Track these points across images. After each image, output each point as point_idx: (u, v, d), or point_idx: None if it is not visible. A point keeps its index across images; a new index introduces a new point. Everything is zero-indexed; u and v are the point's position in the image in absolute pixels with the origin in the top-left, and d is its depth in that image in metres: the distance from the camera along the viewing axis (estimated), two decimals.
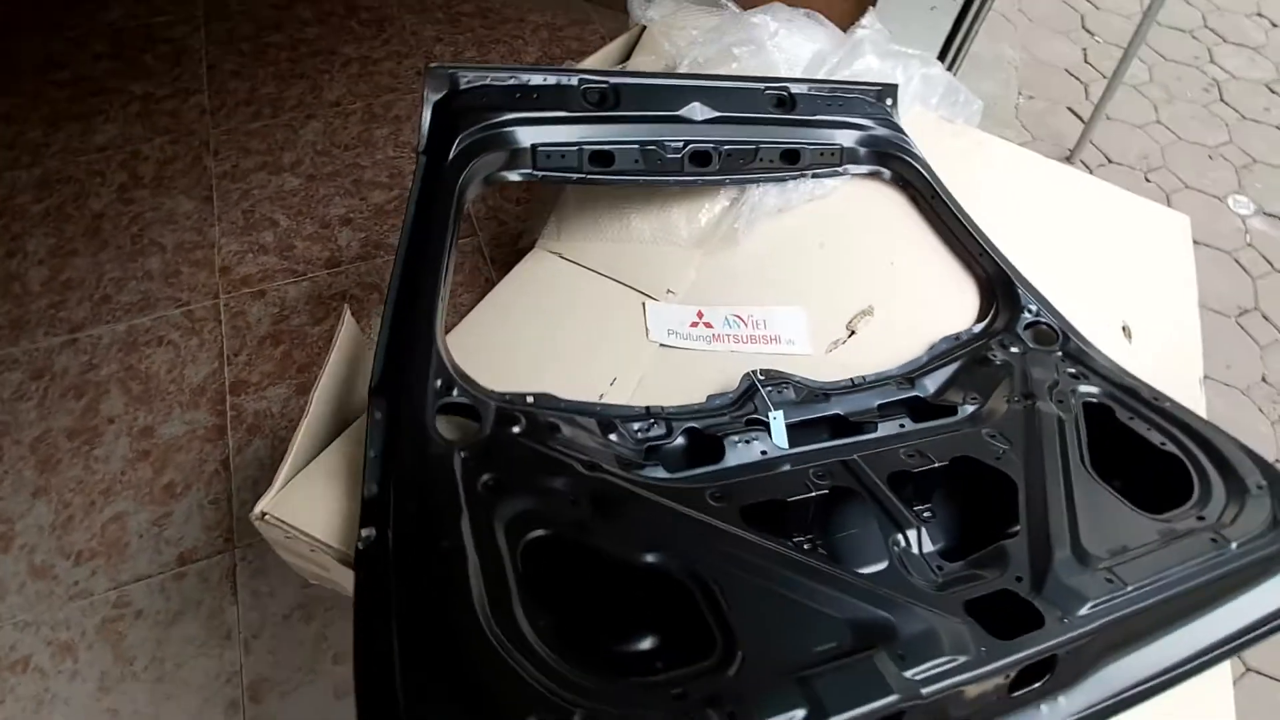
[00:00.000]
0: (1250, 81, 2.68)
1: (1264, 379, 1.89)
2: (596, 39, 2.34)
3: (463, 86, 1.14)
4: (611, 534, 0.82)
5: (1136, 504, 0.96)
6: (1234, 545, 0.90)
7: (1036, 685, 0.80)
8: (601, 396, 1.18)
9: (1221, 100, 2.61)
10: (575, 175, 1.22)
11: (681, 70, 1.45)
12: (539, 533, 0.80)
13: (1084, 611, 0.81)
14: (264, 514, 0.89)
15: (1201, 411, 1.16)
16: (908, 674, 0.71)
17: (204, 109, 2.06)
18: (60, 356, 1.55)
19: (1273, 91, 2.66)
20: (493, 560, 0.74)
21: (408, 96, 2.13)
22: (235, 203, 1.84)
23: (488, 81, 1.16)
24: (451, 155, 1.10)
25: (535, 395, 1.00)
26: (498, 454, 0.88)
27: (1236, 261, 2.13)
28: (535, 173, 1.20)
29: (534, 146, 1.18)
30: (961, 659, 0.74)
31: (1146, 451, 1.05)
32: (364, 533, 0.81)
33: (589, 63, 1.56)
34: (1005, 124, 2.33)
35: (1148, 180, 2.28)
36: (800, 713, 0.66)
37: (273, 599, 1.28)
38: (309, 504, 0.91)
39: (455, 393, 0.93)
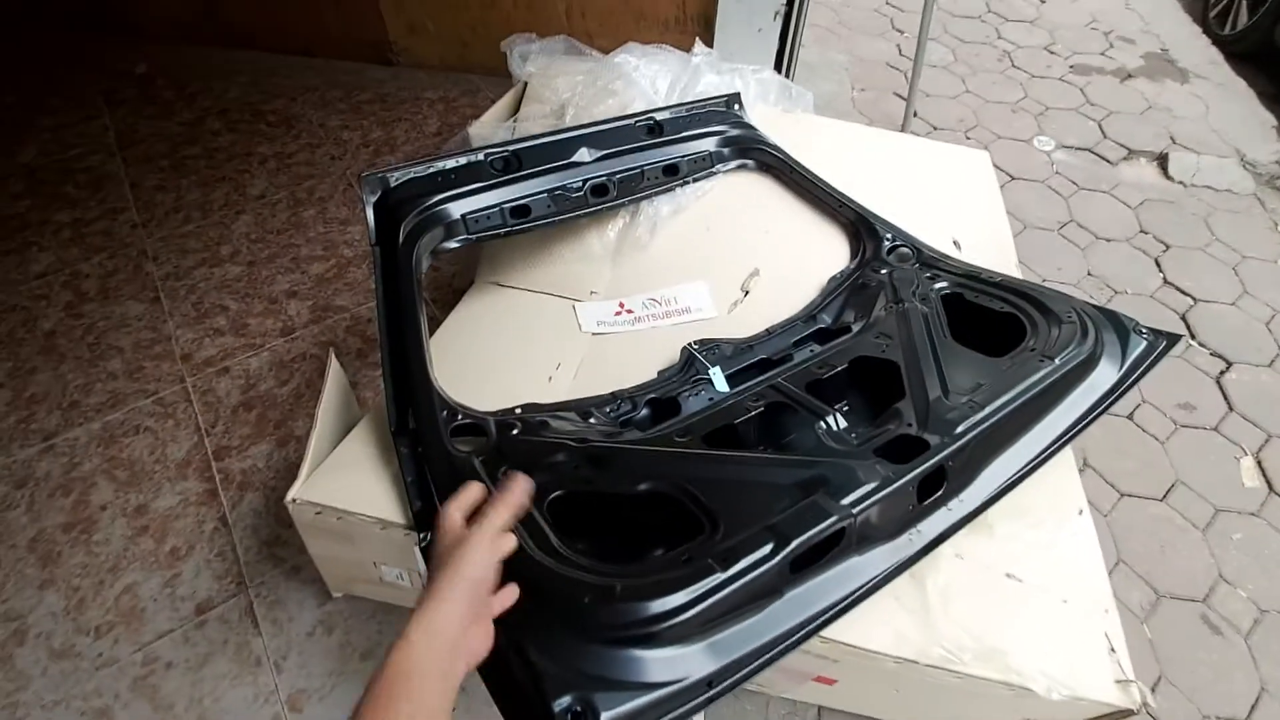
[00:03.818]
0: (1032, 48, 3.24)
1: (1089, 273, 2.30)
2: (487, 103, 2.62)
3: (393, 184, 1.36)
4: (610, 480, 1.05)
5: (991, 355, 1.25)
6: (1056, 360, 1.20)
7: (936, 495, 1.06)
8: (550, 380, 1.41)
9: (1014, 66, 3.14)
10: (503, 230, 1.45)
11: (569, 112, 1.74)
12: (556, 494, 1.02)
13: (958, 431, 1.08)
14: (294, 499, 1.07)
15: None
16: (841, 503, 0.96)
17: (135, 223, 2.20)
18: (40, 463, 1.64)
19: (1050, 53, 3.22)
20: (526, 519, 0.95)
21: (326, 179, 2.34)
22: (184, 298, 1.98)
23: (412, 175, 1.38)
24: (401, 240, 1.31)
25: (522, 406, 1.23)
26: (507, 451, 1.09)
27: (1049, 187, 2.58)
28: (470, 237, 1.42)
29: (463, 216, 1.41)
30: (875, 484, 0.99)
31: (993, 316, 1.37)
32: (420, 536, 1.03)
33: (486, 118, 1.83)
34: (845, 115, 2.74)
35: (968, 138, 2.73)
36: (769, 545, 0.90)
37: (293, 623, 1.40)
38: (331, 487, 1.10)
39: (460, 418, 1.15)
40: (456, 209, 1.43)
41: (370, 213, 1.34)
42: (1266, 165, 2.74)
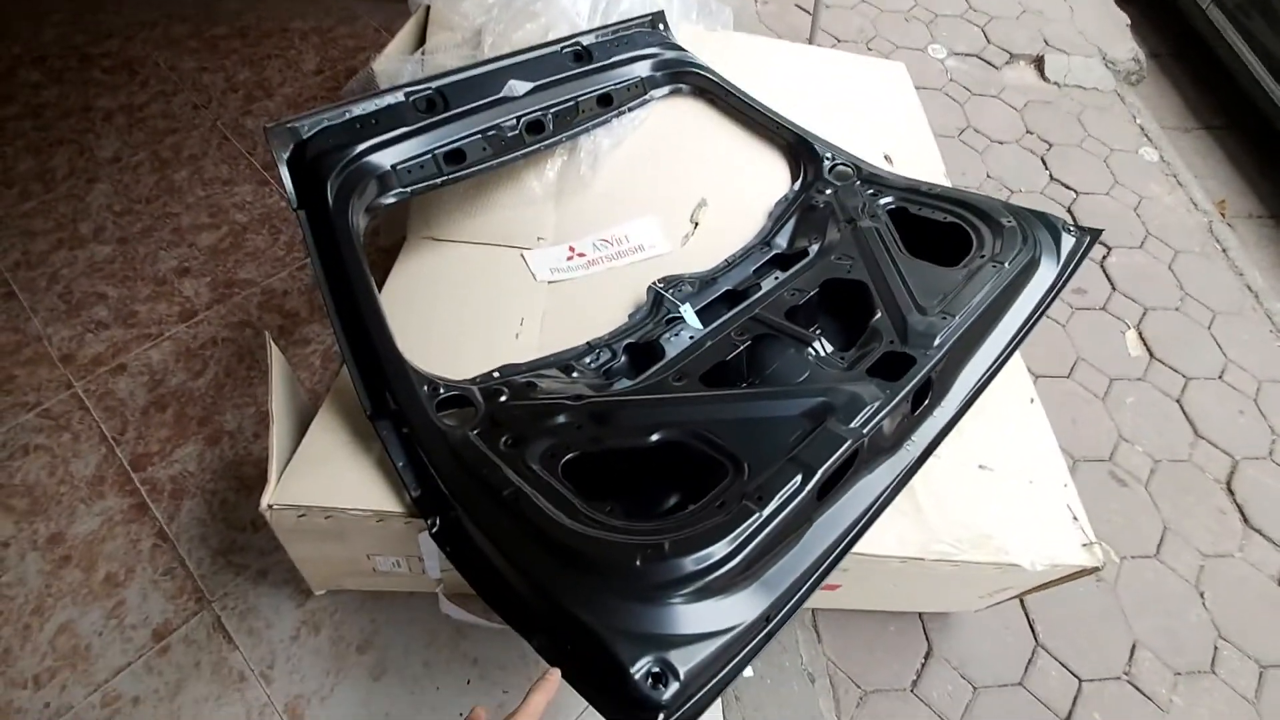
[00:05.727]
0: None
1: (989, 175, 2.45)
2: (370, 32, 2.34)
3: (306, 135, 1.19)
4: (619, 435, 1.02)
5: (943, 264, 1.31)
6: (1006, 264, 1.28)
7: (926, 403, 1.12)
8: (517, 337, 1.33)
9: None
10: (440, 180, 1.31)
11: (487, 40, 1.57)
12: (568, 456, 0.98)
13: (936, 343, 1.13)
14: (270, 506, 0.96)
15: None
16: (851, 426, 0.99)
17: None
18: None
19: None
20: (547, 488, 0.91)
21: (194, 133, 2.02)
22: (45, 289, 1.68)
23: (326, 124, 1.21)
24: (331, 201, 1.15)
25: (499, 369, 1.16)
26: (502, 420, 1.03)
27: (946, 94, 2.69)
28: (405, 190, 1.27)
29: (394, 167, 1.26)
30: (877, 403, 1.03)
31: (938, 226, 1.42)
32: (429, 522, 0.96)
33: (389, 51, 1.62)
34: (753, 28, 2.68)
35: (869, 48, 2.77)
36: (798, 477, 0.91)
37: (272, 630, 1.30)
38: (311, 486, 1.00)
39: (442, 391, 1.05)
40: (385, 159, 1.27)
41: (286, 171, 1.17)
42: (1124, 63, 2.99)
